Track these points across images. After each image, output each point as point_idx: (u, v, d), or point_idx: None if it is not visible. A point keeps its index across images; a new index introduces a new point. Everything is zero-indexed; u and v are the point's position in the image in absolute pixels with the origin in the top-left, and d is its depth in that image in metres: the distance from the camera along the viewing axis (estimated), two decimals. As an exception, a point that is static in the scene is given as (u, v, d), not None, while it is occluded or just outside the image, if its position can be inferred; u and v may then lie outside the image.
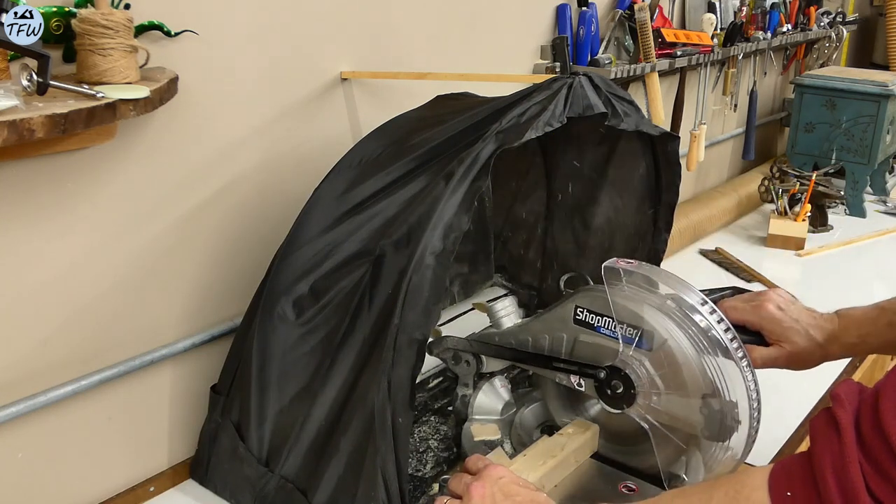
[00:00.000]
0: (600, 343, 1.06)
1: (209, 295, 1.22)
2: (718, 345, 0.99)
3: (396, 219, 1.01)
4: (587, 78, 1.05)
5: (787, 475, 0.76)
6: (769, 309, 1.09)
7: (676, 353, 0.99)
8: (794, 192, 2.19)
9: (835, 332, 1.10)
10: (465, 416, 1.21)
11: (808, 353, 1.10)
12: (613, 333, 1.05)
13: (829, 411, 0.77)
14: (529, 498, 0.95)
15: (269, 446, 1.08)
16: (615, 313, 1.04)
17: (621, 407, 1.05)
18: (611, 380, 1.05)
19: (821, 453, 0.74)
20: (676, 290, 1.03)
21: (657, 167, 1.29)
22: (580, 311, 1.08)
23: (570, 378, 1.09)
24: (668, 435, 1.03)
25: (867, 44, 3.62)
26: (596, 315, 1.07)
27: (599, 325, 1.06)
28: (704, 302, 1.02)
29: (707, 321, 1.00)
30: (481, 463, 1.01)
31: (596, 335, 1.07)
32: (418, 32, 1.45)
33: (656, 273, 1.05)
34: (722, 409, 0.97)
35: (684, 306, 1.01)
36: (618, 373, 1.04)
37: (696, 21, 2.21)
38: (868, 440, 0.72)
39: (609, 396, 1.06)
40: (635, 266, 1.04)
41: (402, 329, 0.94)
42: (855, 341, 1.09)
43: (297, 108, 1.27)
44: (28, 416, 1.02)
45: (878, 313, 1.09)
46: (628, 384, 1.03)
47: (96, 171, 1.03)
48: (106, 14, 0.90)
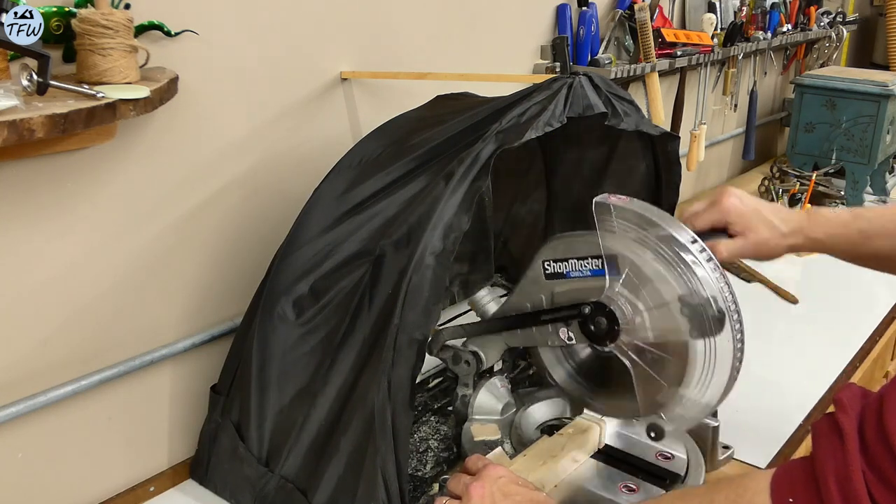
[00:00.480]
0: (575, 287, 1.06)
1: (209, 295, 1.22)
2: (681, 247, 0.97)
3: (396, 219, 1.01)
4: (587, 78, 1.05)
5: (790, 480, 0.76)
6: (728, 201, 1.08)
7: (644, 267, 0.98)
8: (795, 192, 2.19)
9: (801, 224, 1.08)
10: (465, 416, 1.21)
11: (773, 243, 1.08)
12: (583, 272, 1.04)
13: (832, 417, 0.77)
14: (529, 497, 0.95)
15: (269, 446, 1.08)
16: (577, 252, 1.04)
17: (605, 343, 1.04)
18: (595, 315, 1.04)
19: (823, 460, 0.73)
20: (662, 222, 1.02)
21: (657, 167, 1.29)
22: (547, 264, 1.08)
23: (560, 334, 1.09)
24: (649, 373, 1.01)
25: (867, 44, 3.62)
26: (562, 262, 1.06)
27: (568, 270, 1.06)
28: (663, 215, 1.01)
29: (666, 230, 0.98)
30: (480, 463, 1.01)
31: (569, 281, 1.06)
32: (418, 32, 1.45)
33: (647, 209, 1.03)
34: (701, 304, 0.96)
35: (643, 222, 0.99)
36: (602, 309, 1.03)
37: (696, 21, 2.21)
38: (872, 448, 0.71)
39: (593, 334, 1.05)
40: (626, 202, 1.02)
41: (402, 329, 0.94)
42: (821, 238, 1.07)
43: (297, 108, 1.27)
44: (28, 416, 1.02)
45: (851, 218, 1.08)
46: (612, 319, 1.02)
47: (96, 171, 1.03)
48: (106, 14, 0.90)
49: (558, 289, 1.07)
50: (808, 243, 1.09)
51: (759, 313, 1.75)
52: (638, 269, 0.99)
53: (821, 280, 1.98)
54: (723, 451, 1.20)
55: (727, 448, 1.21)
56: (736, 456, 1.21)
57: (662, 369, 1.00)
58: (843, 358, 1.55)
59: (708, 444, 1.18)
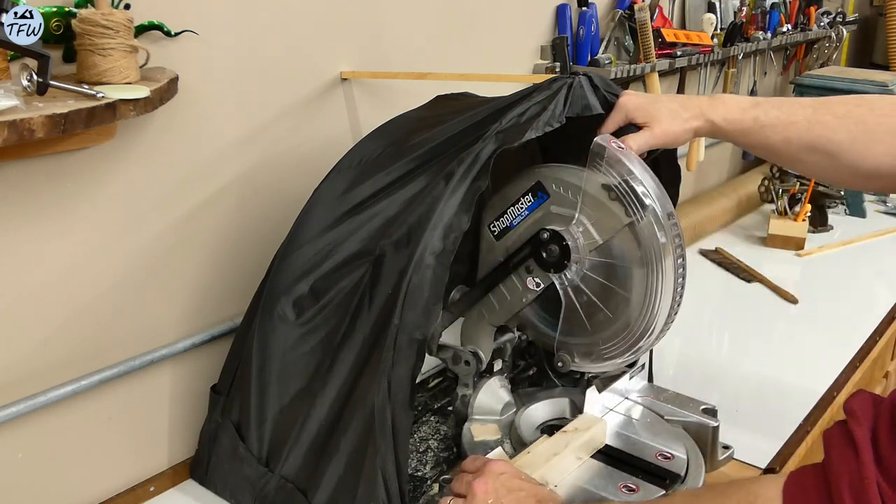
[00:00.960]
0: (524, 233, 1.10)
1: (209, 295, 1.22)
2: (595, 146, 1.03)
3: (396, 219, 1.01)
4: (587, 78, 1.05)
5: (802, 490, 0.75)
6: (627, 98, 1.08)
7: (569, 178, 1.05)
8: (794, 192, 2.19)
9: (702, 108, 1.07)
10: (465, 416, 1.21)
11: (676, 128, 1.07)
12: (523, 214, 1.09)
13: (845, 426, 0.76)
14: (533, 492, 0.95)
15: (269, 446, 1.08)
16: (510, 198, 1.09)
17: (550, 271, 1.08)
18: (549, 244, 1.07)
19: (838, 470, 0.73)
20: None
21: (657, 167, 1.29)
22: (492, 227, 1.13)
23: (528, 284, 1.12)
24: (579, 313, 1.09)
25: (867, 44, 3.62)
26: (502, 217, 1.12)
27: (510, 219, 1.11)
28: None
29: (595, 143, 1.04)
30: (480, 461, 1.01)
31: (516, 230, 1.11)
32: (418, 32, 1.45)
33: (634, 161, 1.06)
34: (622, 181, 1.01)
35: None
36: (558, 238, 1.06)
37: (696, 21, 2.21)
38: (886, 459, 0.71)
39: (545, 262, 1.08)
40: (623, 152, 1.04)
41: (402, 329, 0.94)
42: (719, 122, 1.07)
43: (297, 108, 1.27)
44: (28, 416, 1.02)
45: (750, 105, 1.07)
46: (565, 252, 1.06)
47: (96, 171, 1.03)
48: (106, 14, 0.90)
49: (510, 242, 1.12)
50: (707, 126, 1.08)
51: (759, 313, 1.75)
52: (565, 182, 1.05)
53: (821, 280, 1.98)
54: (723, 451, 1.20)
55: (727, 448, 1.21)
56: (736, 456, 1.21)
57: (592, 317, 1.07)
58: (843, 358, 1.55)
59: (708, 444, 1.18)
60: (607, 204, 1.03)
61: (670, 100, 1.10)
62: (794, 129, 1.04)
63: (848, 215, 2.46)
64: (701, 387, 1.37)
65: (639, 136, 1.06)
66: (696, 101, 1.09)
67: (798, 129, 1.03)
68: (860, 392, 0.80)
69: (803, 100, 1.07)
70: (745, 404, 1.38)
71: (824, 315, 1.78)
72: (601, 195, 1.03)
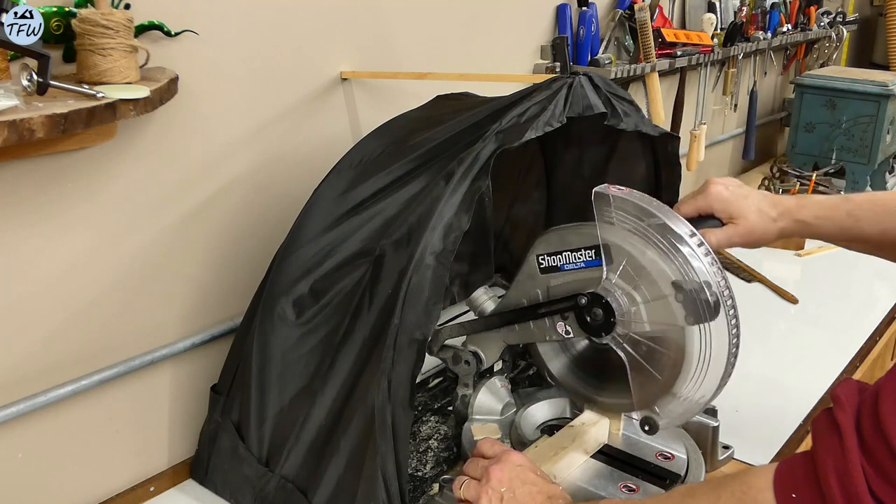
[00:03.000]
0: (570, 280, 1.06)
1: (209, 295, 1.22)
2: (673, 234, 0.97)
3: (396, 219, 1.01)
4: (587, 78, 1.05)
5: (792, 476, 0.77)
6: (716, 189, 1.08)
7: (639, 257, 0.98)
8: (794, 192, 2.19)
9: (790, 208, 1.08)
10: (465, 416, 1.21)
11: (762, 228, 1.07)
12: (577, 264, 1.04)
13: (830, 413, 0.77)
14: (546, 488, 0.95)
15: (269, 446, 1.08)
16: (572, 244, 1.04)
17: (600, 335, 1.04)
18: (591, 307, 1.03)
19: (823, 456, 0.74)
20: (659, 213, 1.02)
21: (657, 167, 1.29)
22: (542, 258, 1.08)
23: (557, 328, 1.09)
24: (644, 366, 1.01)
25: (867, 44, 3.62)
26: (556, 255, 1.06)
27: (562, 262, 1.06)
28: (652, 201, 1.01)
29: (661, 218, 0.98)
30: (497, 447, 1.01)
31: (564, 274, 1.06)
32: (418, 32, 1.45)
33: (647, 200, 1.03)
34: (694, 289, 0.96)
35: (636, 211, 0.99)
36: (598, 300, 1.03)
37: (696, 21, 2.21)
38: (869, 443, 0.72)
39: (589, 325, 1.04)
40: (626, 193, 1.02)
41: (402, 329, 0.94)
42: (811, 221, 1.07)
43: (297, 108, 1.27)
44: (28, 416, 1.02)
45: (840, 201, 1.08)
46: (608, 311, 1.02)
47: (96, 171, 1.03)
48: (106, 14, 0.90)
49: (553, 282, 1.08)
50: (797, 226, 1.08)
51: (759, 313, 1.75)
52: (632, 259, 0.99)
53: (821, 280, 1.98)
54: (723, 451, 1.20)
55: (727, 448, 1.21)
56: (736, 456, 1.21)
57: (658, 362, 1.00)
58: (843, 358, 1.55)
59: (708, 444, 1.18)
60: (671, 301, 0.97)
61: (760, 197, 1.09)
62: (891, 220, 1.05)
63: (848, 215, 2.46)
64: (701, 387, 1.37)
65: (721, 232, 1.07)
66: (784, 202, 1.09)
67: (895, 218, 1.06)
68: (847, 380, 0.81)
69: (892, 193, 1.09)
70: (745, 404, 1.38)
71: (824, 315, 1.78)
72: (668, 289, 0.97)
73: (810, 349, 1.61)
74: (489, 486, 0.95)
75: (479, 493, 0.95)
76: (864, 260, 2.21)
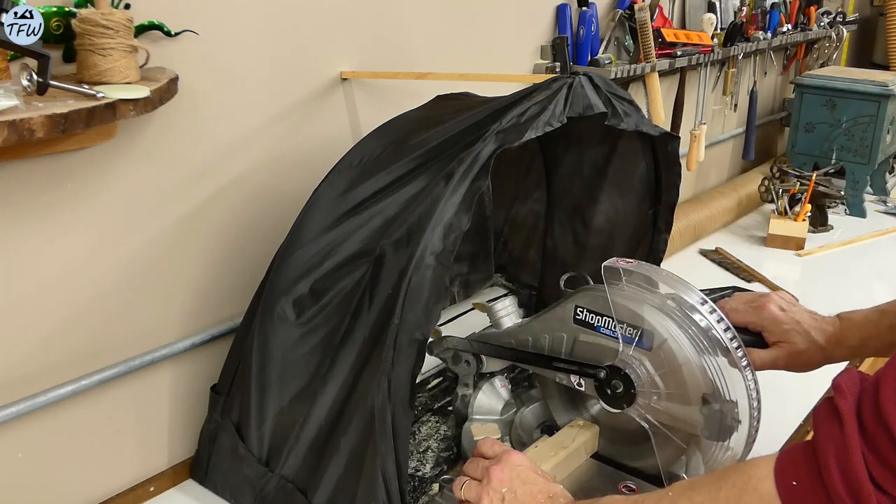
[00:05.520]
0: (600, 343, 1.06)
1: (209, 295, 1.22)
2: (719, 344, 0.99)
3: (396, 219, 1.01)
4: (587, 78, 1.05)
5: (793, 464, 0.77)
6: (771, 309, 1.10)
7: (676, 352, 0.99)
8: (794, 192, 2.19)
9: (836, 334, 1.10)
10: (465, 416, 1.21)
11: (809, 355, 1.10)
12: (613, 333, 1.05)
13: (831, 401, 0.78)
14: (546, 488, 0.95)
15: (269, 446, 1.08)
16: (615, 313, 1.04)
17: (621, 406, 1.05)
18: (611, 379, 1.05)
19: (824, 443, 0.75)
20: (676, 290, 1.03)
21: (657, 167, 1.29)
22: (580, 310, 1.08)
23: (570, 378, 1.09)
24: (668, 434, 1.03)
25: (867, 44, 3.62)
26: (596, 315, 1.07)
27: (599, 324, 1.06)
28: (704, 301, 1.02)
29: (707, 321, 1.00)
30: (498, 447, 1.01)
31: (596, 335, 1.07)
32: (418, 32, 1.45)
33: (656, 272, 1.05)
34: (722, 409, 0.97)
35: (684, 306, 1.01)
36: (618, 372, 1.04)
37: (696, 21, 2.21)
38: (870, 429, 0.72)
39: (609, 396, 1.06)
40: (634, 265, 1.04)
41: (402, 329, 0.94)
42: (857, 344, 1.10)
43: (297, 108, 1.27)
44: (28, 416, 1.02)
45: (879, 316, 1.10)
46: (628, 384, 1.03)
47: (96, 171, 1.03)
48: (106, 14, 0.90)
49: (583, 337, 1.09)
50: (845, 352, 1.11)
51: (759, 313, 1.74)
52: (670, 352, 1.00)
53: (821, 280, 1.98)
54: (723, 452, 1.20)
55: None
56: (736, 456, 1.21)
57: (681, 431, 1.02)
58: (843, 358, 1.55)
59: (708, 444, 1.18)
60: (695, 411, 0.99)
61: (810, 323, 1.11)
62: None
63: (848, 215, 2.46)
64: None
65: (766, 354, 1.09)
66: (830, 328, 1.11)
67: None
68: (849, 369, 0.82)
69: None
70: (744, 404, 1.38)
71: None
72: (696, 399, 0.99)
73: (810, 349, 1.60)
74: (490, 486, 0.95)
75: (479, 493, 0.95)
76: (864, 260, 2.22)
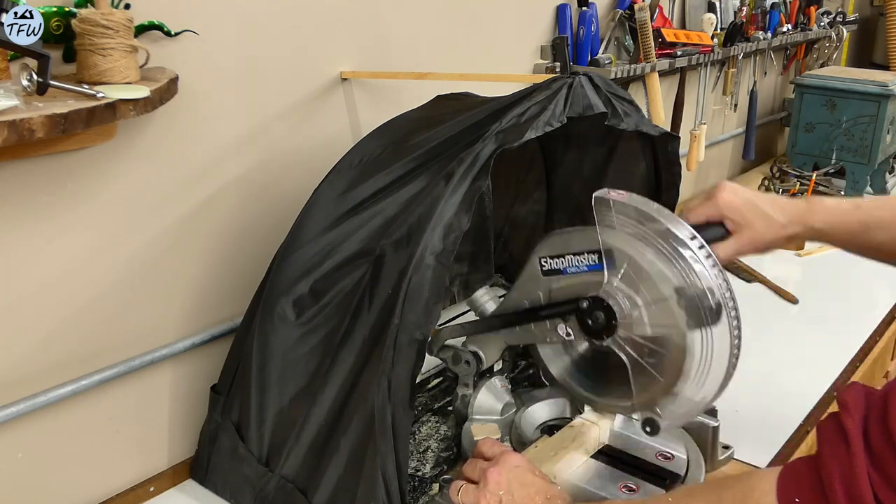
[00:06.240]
0: (572, 283, 1.06)
1: (209, 295, 1.22)
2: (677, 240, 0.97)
3: (396, 219, 1.01)
4: (587, 78, 1.05)
5: (796, 481, 0.76)
6: (724, 196, 1.07)
7: (640, 260, 0.98)
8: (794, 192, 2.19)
9: (800, 213, 1.07)
10: (465, 416, 1.21)
11: (771, 235, 1.07)
12: (580, 268, 1.04)
13: (837, 418, 0.77)
14: (544, 489, 0.95)
15: (269, 446, 1.08)
16: (574, 248, 1.04)
17: (602, 338, 1.04)
18: (592, 310, 1.03)
19: (829, 462, 0.74)
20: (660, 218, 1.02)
21: (657, 167, 1.29)
22: (544, 261, 1.08)
23: (558, 330, 1.09)
24: (646, 368, 1.01)
25: (867, 44, 3.62)
26: (558, 258, 1.06)
27: (565, 266, 1.06)
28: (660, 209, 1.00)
29: (665, 224, 0.98)
30: (497, 448, 1.01)
31: (566, 277, 1.06)
32: (418, 32, 1.45)
33: (647, 204, 1.03)
34: (697, 295, 0.96)
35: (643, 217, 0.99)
36: (600, 303, 1.03)
37: (696, 21, 2.21)
38: (877, 449, 0.71)
39: (591, 328, 1.04)
40: (626, 197, 1.02)
41: (402, 329, 0.94)
42: (821, 227, 1.06)
43: (297, 108, 1.27)
44: (28, 416, 1.02)
45: (851, 207, 1.06)
46: (610, 314, 1.02)
47: (96, 171, 1.03)
48: (106, 14, 0.90)
49: (555, 285, 1.08)
50: (807, 232, 1.08)
51: (759, 313, 1.74)
52: (635, 264, 0.99)
53: (821, 280, 1.98)
54: (723, 451, 1.20)
55: (727, 448, 1.21)
56: (736, 456, 1.21)
57: (659, 364, 1.00)
58: (843, 358, 1.55)
59: (708, 444, 1.18)
60: (673, 307, 0.97)
61: (769, 203, 1.08)
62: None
63: (848, 215, 2.46)
64: (701, 387, 1.37)
65: (729, 244, 1.07)
66: (794, 207, 1.08)
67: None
68: (853, 384, 0.80)
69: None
70: (745, 404, 1.38)
71: (824, 315, 1.78)
72: (670, 293, 0.97)
73: (810, 349, 1.61)
74: (487, 489, 0.94)
75: (476, 497, 0.95)
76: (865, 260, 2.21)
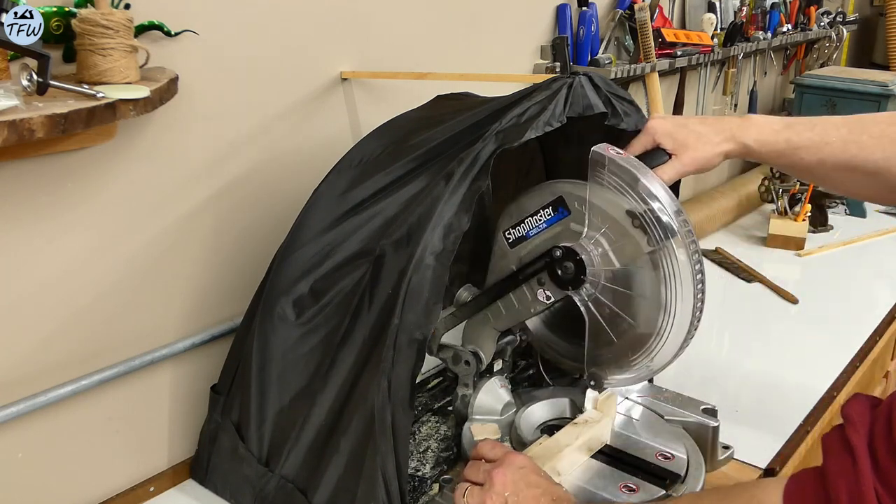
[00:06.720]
0: (539, 244, 1.09)
1: (209, 295, 1.22)
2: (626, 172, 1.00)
3: (396, 219, 1.01)
4: (587, 78, 1.05)
5: (801, 494, 0.76)
6: (652, 123, 1.08)
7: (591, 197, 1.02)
8: (795, 192, 2.19)
9: (732, 130, 1.07)
10: (465, 416, 1.21)
11: (707, 153, 1.07)
12: (540, 226, 1.07)
13: (842, 432, 0.77)
14: (550, 490, 0.95)
15: (269, 446, 1.08)
16: (529, 209, 1.07)
17: (566, 288, 1.06)
18: (563, 260, 1.06)
19: (835, 477, 0.74)
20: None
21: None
22: (507, 234, 1.11)
23: (539, 297, 1.10)
24: (603, 326, 1.06)
25: (867, 44, 3.62)
26: (519, 225, 1.09)
27: (527, 230, 1.09)
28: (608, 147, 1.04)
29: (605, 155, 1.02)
30: (499, 450, 1.00)
31: (531, 241, 1.09)
32: (418, 33, 1.45)
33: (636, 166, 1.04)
34: (648, 210, 0.99)
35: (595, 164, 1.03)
36: (573, 255, 1.05)
37: (696, 21, 2.21)
38: (884, 465, 0.71)
39: (559, 277, 1.07)
40: (624, 158, 1.03)
41: (402, 329, 0.94)
42: (751, 144, 1.06)
43: (297, 107, 1.27)
44: (28, 416, 1.02)
45: (782, 126, 1.06)
46: (580, 268, 1.05)
47: (96, 171, 1.03)
48: (106, 14, 0.90)
49: (524, 252, 1.11)
50: (739, 149, 1.08)
51: (759, 313, 1.75)
52: (585, 201, 1.03)
53: (821, 280, 1.98)
54: (723, 451, 1.20)
55: (727, 448, 1.21)
56: (736, 456, 1.21)
57: (617, 327, 1.04)
58: (843, 358, 1.55)
59: (708, 444, 1.18)
60: (630, 231, 1.01)
61: (699, 122, 1.09)
62: (829, 150, 1.04)
63: (848, 215, 2.46)
64: (701, 387, 1.37)
65: (668, 167, 1.07)
66: (726, 123, 1.08)
67: (833, 149, 1.04)
68: (857, 396, 0.80)
69: (835, 119, 1.06)
70: (745, 404, 1.38)
71: (824, 315, 1.78)
72: (625, 221, 1.01)
73: (810, 349, 1.61)
74: (493, 490, 0.94)
75: (482, 498, 0.94)
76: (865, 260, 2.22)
